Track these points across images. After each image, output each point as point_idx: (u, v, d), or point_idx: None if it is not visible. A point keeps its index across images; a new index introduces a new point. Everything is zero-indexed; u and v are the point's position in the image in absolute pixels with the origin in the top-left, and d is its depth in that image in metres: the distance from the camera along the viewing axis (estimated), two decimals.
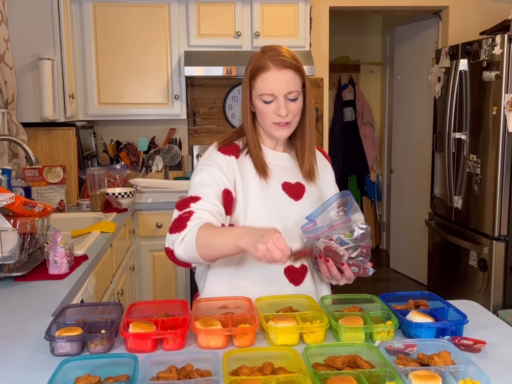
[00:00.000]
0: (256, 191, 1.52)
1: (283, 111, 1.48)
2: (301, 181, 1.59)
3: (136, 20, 3.45)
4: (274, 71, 1.47)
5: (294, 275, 1.55)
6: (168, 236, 1.43)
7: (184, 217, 1.41)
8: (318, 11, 3.95)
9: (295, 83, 1.49)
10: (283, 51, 1.50)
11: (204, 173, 1.51)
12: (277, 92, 1.47)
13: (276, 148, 1.62)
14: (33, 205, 1.93)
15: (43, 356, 1.22)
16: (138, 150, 3.75)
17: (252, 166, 1.55)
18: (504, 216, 3.12)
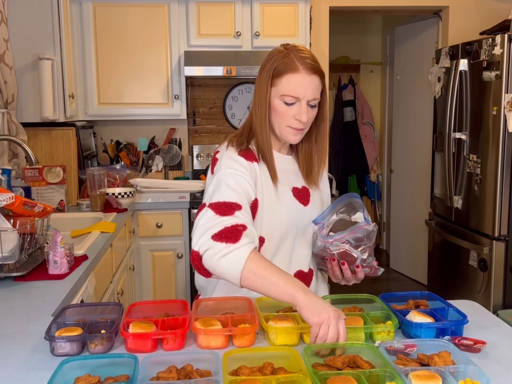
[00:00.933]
0: (271, 199, 1.48)
1: (305, 117, 1.45)
2: (305, 185, 1.58)
3: (136, 20, 3.45)
4: (303, 75, 1.43)
5: (303, 279, 1.52)
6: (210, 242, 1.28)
7: (239, 229, 1.29)
8: (318, 11, 3.95)
9: (319, 91, 1.48)
10: (310, 55, 1.46)
11: (236, 177, 1.42)
12: (302, 96, 1.44)
13: (281, 150, 1.58)
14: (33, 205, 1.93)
15: (43, 356, 1.22)
16: (138, 150, 3.75)
17: (267, 171, 1.49)
18: (504, 216, 3.12)
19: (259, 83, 1.48)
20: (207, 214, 1.35)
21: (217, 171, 1.46)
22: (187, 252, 3.34)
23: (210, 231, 1.30)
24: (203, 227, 1.32)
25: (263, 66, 1.48)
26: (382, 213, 5.76)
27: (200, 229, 1.32)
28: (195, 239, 1.32)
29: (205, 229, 1.31)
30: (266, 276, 1.25)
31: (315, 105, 1.49)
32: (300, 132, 1.49)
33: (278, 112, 1.46)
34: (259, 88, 1.47)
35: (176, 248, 3.35)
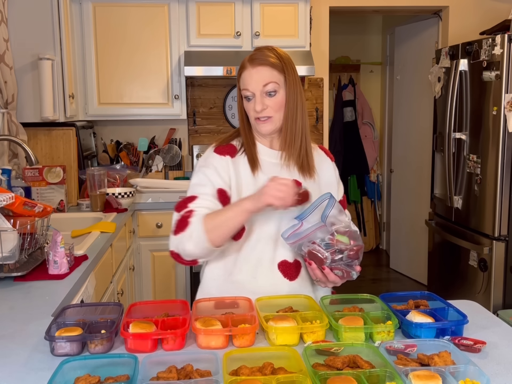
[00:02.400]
0: (249, 189, 1.54)
1: (258, 106, 1.52)
2: (298, 179, 1.58)
3: (136, 20, 3.45)
4: (249, 69, 1.54)
5: (288, 270, 1.57)
6: (173, 238, 1.48)
7: (186, 215, 1.47)
8: (318, 11, 3.95)
9: (272, 77, 1.53)
10: (266, 51, 1.56)
11: (200, 174, 1.57)
12: (252, 87, 1.53)
13: (273, 146, 1.63)
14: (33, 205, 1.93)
15: (43, 356, 1.22)
16: (138, 150, 3.75)
17: (247, 164, 1.58)
18: (504, 216, 3.12)
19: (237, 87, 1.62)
20: (173, 216, 1.53)
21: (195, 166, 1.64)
22: None
23: (172, 230, 1.50)
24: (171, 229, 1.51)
25: None
26: (382, 213, 5.76)
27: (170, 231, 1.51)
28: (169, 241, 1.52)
29: (171, 230, 1.51)
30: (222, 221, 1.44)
31: (273, 91, 1.54)
32: (266, 122, 1.56)
33: (245, 109, 1.59)
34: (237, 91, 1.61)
35: None
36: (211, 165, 1.57)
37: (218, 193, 1.54)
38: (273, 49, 1.58)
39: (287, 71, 1.56)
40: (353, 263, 1.47)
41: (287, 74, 1.56)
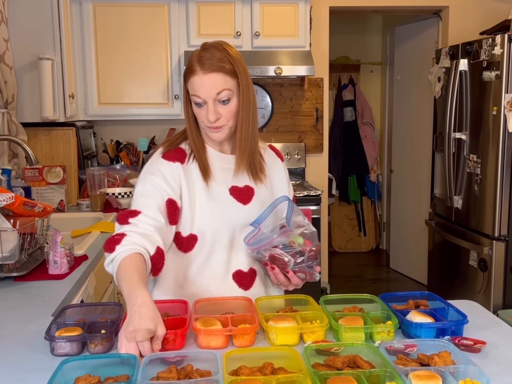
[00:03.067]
0: (202, 197, 1.47)
1: (212, 116, 1.43)
2: (250, 184, 1.54)
3: (136, 20, 3.45)
4: (200, 75, 1.41)
5: (243, 279, 1.53)
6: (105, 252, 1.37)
7: (116, 239, 1.34)
8: (318, 11, 3.95)
9: (225, 84, 1.42)
10: (214, 52, 1.44)
11: (147, 183, 1.45)
12: (204, 95, 1.42)
13: (223, 149, 1.55)
14: (33, 205, 1.93)
15: (43, 356, 1.22)
16: (138, 150, 3.75)
17: (198, 171, 1.49)
18: (504, 216, 3.12)
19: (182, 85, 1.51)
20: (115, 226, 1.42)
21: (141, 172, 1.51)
22: None
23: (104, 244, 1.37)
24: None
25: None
26: (382, 213, 5.76)
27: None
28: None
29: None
30: (121, 285, 1.27)
31: (227, 99, 1.43)
32: (217, 129, 1.46)
33: (196, 115, 1.48)
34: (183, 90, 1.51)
35: None
36: (159, 172, 1.45)
37: (167, 204, 1.42)
38: (223, 49, 1.46)
39: (240, 76, 1.44)
40: (313, 264, 1.45)
41: (240, 79, 1.44)
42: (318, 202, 3.56)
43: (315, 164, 4.15)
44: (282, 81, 4.00)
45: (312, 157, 4.13)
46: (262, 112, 4.01)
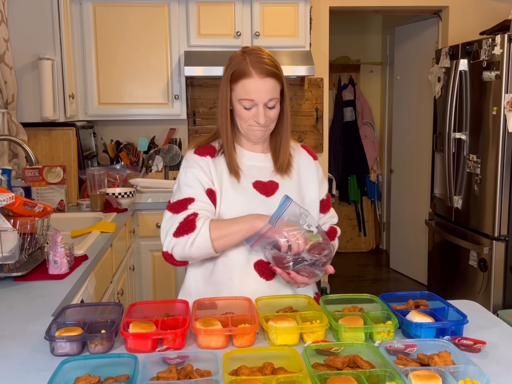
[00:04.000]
0: (228, 189, 1.56)
1: (262, 119, 1.51)
2: (275, 179, 1.61)
3: (136, 20, 3.45)
4: (256, 79, 1.48)
5: (264, 269, 1.56)
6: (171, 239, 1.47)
7: (190, 219, 1.47)
8: (318, 11, 3.95)
9: (275, 91, 1.52)
10: (265, 57, 1.51)
11: (189, 174, 1.56)
12: (258, 100, 1.49)
13: (254, 149, 1.64)
14: (33, 205, 1.93)
15: (43, 356, 1.22)
16: (138, 150, 3.75)
17: (225, 165, 1.59)
18: (504, 216, 3.12)
19: (221, 87, 1.56)
20: (166, 216, 1.53)
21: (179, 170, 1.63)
22: None
23: (170, 231, 1.49)
24: (164, 229, 1.52)
25: (224, 70, 1.56)
26: (382, 213, 5.76)
27: (163, 232, 1.52)
28: (163, 241, 1.52)
29: (166, 230, 1.51)
30: (229, 233, 1.46)
31: (273, 106, 1.53)
32: (261, 129, 1.55)
33: (239, 116, 1.54)
34: (220, 92, 1.56)
35: None
36: (196, 164, 1.57)
37: (208, 193, 1.54)
38: (269, 55, 1.54)
39: (284, 82, 1.55)
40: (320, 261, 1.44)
41: (284, 86, 1.55)
42: None
43: None
44: None
45: None
46: None
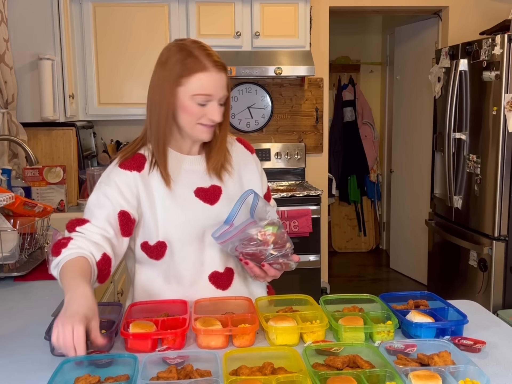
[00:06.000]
0: (165, 202, 1.43)
1: (219, 116, 1.40)
2: (216, 183, 1.50)
3: (136, 20, 3.45)
4: (212, 73, 1.37)
5: (219, 280, 1.49)
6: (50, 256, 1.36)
7: (62, 243, 1.33)
8: (318, 11, 3.94)
9: (227, 87, 1.42)
10: (212, 50, 1.41)
11: (100, 193, 1.42)
12: (215, 95, 1.38)
13: (191, 151, 1.50)
14: (33, 205, 1.93)
15: (43, 356, 1.22)
16: None
17: (159, 177, 1.44)
18: (504, 216, 3.12)
19: (159, 82, 1.40)
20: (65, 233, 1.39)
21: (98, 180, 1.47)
22: None
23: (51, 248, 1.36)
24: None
25: (162, 64, 1.40)
26: (382, 213, 5.76)
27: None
28: None
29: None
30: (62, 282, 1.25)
31: (224, 103, 1.43)
32: (212, 128, 1.43)
33: (190, 113, 1.39)
34: (159, 88, 1.40)
35: None
36: (114, 183, 1.40)
37: (120, 216, 1.38)
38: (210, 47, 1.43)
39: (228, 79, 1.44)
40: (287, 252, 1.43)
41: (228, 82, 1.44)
42: (318, 202, 3.56)
43: (315, 164, 4.15)
44: (282, 81, 4.00)
45: (312, 157, 4.13)
46: (262, 112, 4.01)
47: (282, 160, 3.98)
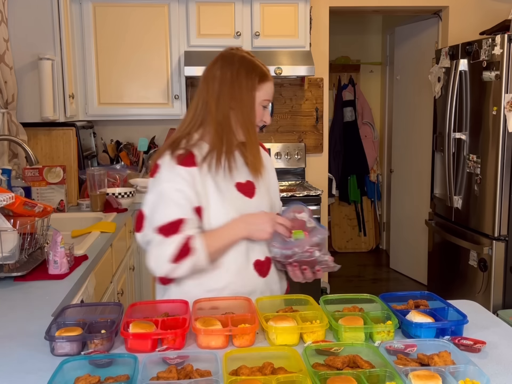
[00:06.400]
0: (215, 197, 1.54)
1: (269, 117, 1.61)
2: (250, 179, 1.62)
3: (136, 20, 3.45)
4: (271, 82, 1.60)
5: (262, 268, 1.59)
6: (172, 266, 1.46)
7: (186, 242, 1.45)
8: (318, 11, 3.95)
9: None
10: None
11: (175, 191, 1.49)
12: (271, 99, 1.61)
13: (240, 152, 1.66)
14: (33, 205, 1.93)
15: (43, 356, 1.22)
16: (138, 150, 3.75)
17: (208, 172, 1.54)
18: (504, 216, 3.12)
19: (248, 89, 1.54)
20: (155, 240, 1.47)
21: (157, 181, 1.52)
22: None
23: (165, 257, 1.45)
24: (157, 255, 1.48)
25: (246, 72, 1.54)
26: (382, 213, 5.76)
27: (155, 258, 1.48)
28: (155, 267, 1.49)
29: (160, 255, 1.47)
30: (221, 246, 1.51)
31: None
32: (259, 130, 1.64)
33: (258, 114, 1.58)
34: (249, 92, 1.54)
35: None
36: (182, 179, 1.49)
37: (196, 211, 1.51)
38: None
39: None
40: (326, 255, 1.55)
41: None
42: (318, 202, 3.56)
43: (315, 164, 4.15)
44: (282, 81, 4.00)
45: (312, 157, 4.13)
46: None
47: (282, 160, 3.98)
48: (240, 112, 1.55)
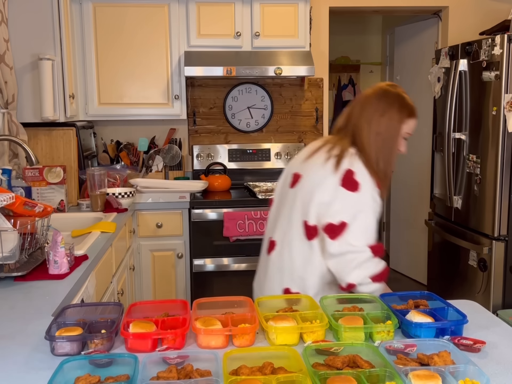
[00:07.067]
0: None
1: (406, 149, 1.86)
2: None
3: (136, 20, 3.45)
4: (416, 119, 1.85)
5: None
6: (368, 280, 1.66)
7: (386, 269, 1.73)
8: (318, 11, 3.95)
9: None
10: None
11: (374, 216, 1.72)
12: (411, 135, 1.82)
13: None
14: (33, 205, 1.93)
15: (43, 356, 1.22)
16: (138, 150, 3.75)
17: None
18: (504, 216, 3.12)
19: (396, 120, 1.79)
20: (366, 255, 1.68)
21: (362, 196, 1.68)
22: (187, 252, 3.34)
23: (368, 271, 1.66)
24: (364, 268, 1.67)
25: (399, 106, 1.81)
26: (382, 213, 5.75)
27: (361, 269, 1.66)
28: (355, 275, 1.65)
29: (365, 268, 1.67)
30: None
31: None
32: None
33: (400, 145, 1.82)
34: (390, 122, 1.78)
35: (176, 248, 3.35)
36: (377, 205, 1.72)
37: None
38: None
39: None
40: None
41: None
42: None
43: None
44: (282, 81, 4.00)
45: None
46: (262, 112, 4.01)
47: (282, 160, 3.98)
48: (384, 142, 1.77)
